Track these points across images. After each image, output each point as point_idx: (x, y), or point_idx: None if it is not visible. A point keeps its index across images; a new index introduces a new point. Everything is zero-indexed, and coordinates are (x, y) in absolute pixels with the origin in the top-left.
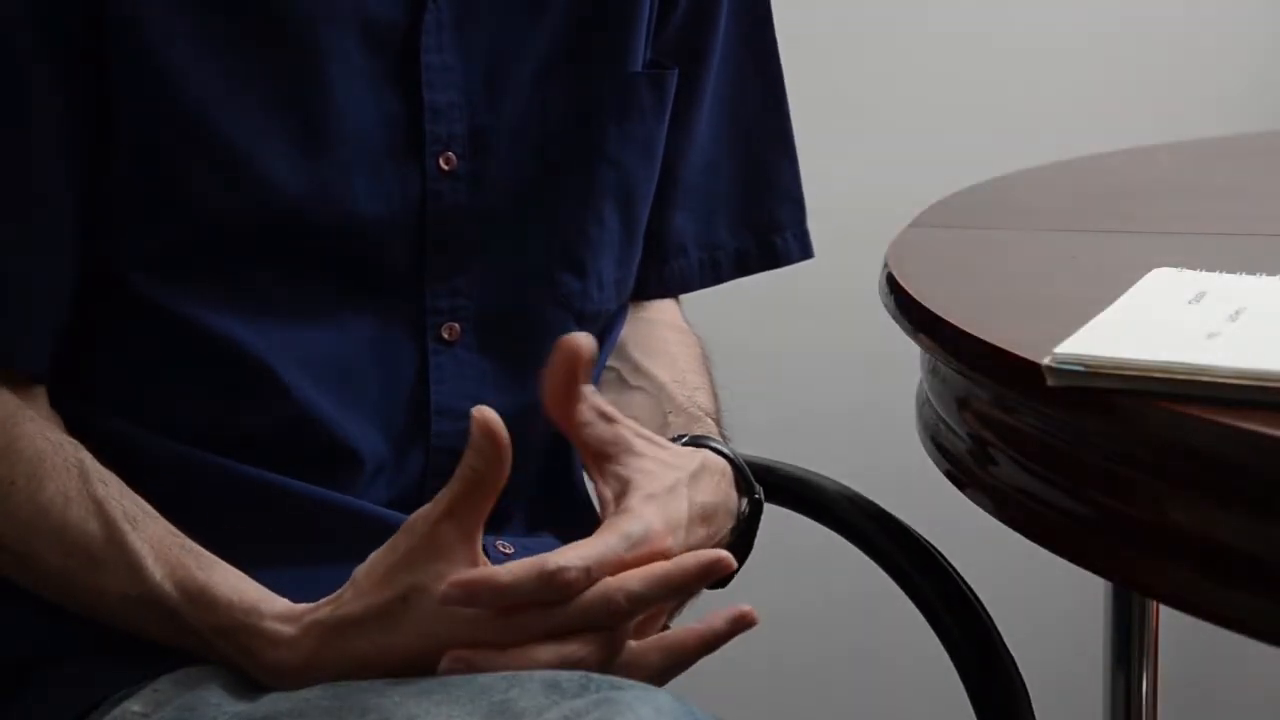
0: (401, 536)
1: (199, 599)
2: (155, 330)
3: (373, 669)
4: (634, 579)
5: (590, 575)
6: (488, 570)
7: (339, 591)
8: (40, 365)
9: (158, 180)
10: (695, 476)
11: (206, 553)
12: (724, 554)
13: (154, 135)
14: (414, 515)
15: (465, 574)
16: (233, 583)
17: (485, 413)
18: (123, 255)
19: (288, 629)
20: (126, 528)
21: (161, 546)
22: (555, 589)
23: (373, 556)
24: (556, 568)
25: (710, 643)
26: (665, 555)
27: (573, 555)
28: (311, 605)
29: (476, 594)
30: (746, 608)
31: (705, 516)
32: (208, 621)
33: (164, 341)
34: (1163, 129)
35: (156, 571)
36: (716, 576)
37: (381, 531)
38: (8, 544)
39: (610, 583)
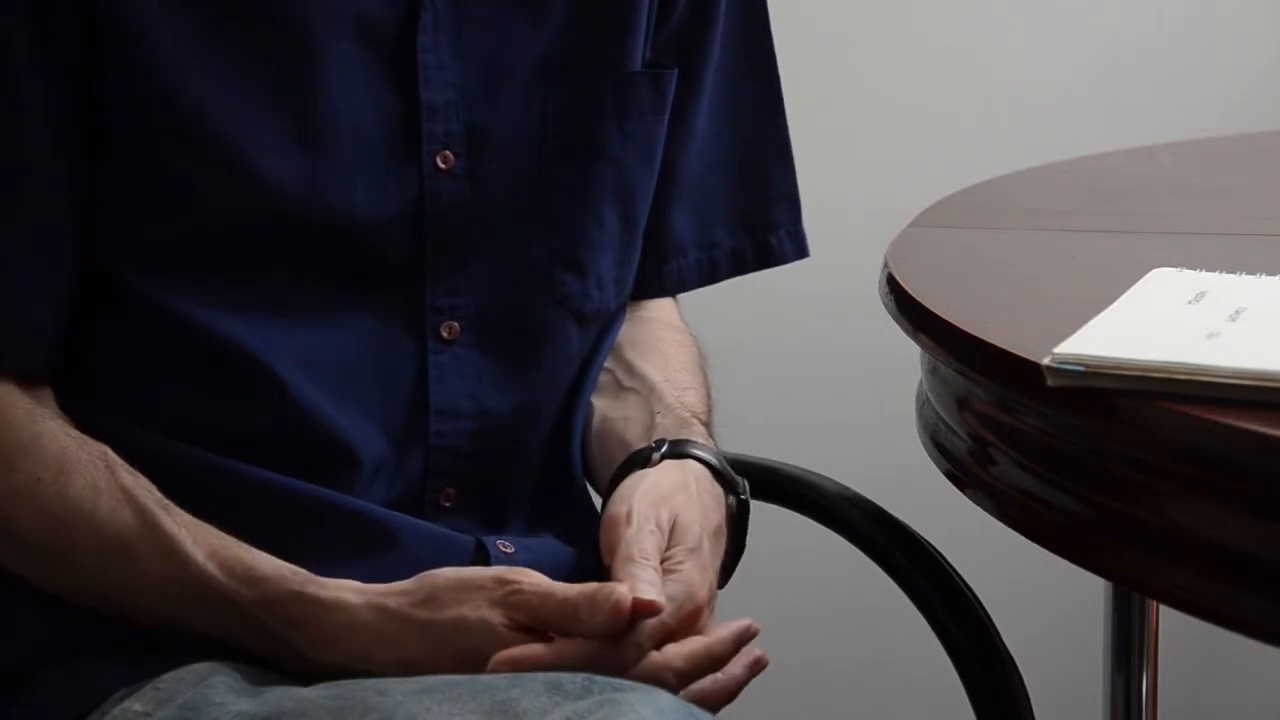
0: (484, 572)
1: (245, 574)
2: (154, 329)
3: (410, 672)
4: (679, 658)
5: (641, 649)
6: (534, 650)
7: (407, 585)
8: (36, 364)
9: (155, 179)
10: (701, 500)
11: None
12: (751, 623)
13: (151, 134)
14: (505, 570)
15: (513, 652)
16: (276, 561)
17: (624, 600)
18: (121, 254)
19: (353, 598)
20: (160, 513)
21: (198, 530)
22: (608, 670)
23: (452, 571)
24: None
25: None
26: (701, 609)
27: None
28: (377, 586)
29: (522, 670)
30: (758, 652)
31: (717, 535)
32: (254, 595)
33: (163, 340)
34: (1163, 129)
35: (197, 553)
36: (748, 642)
37: (381, 532)
38: (41, 541)
39: (656, 659)
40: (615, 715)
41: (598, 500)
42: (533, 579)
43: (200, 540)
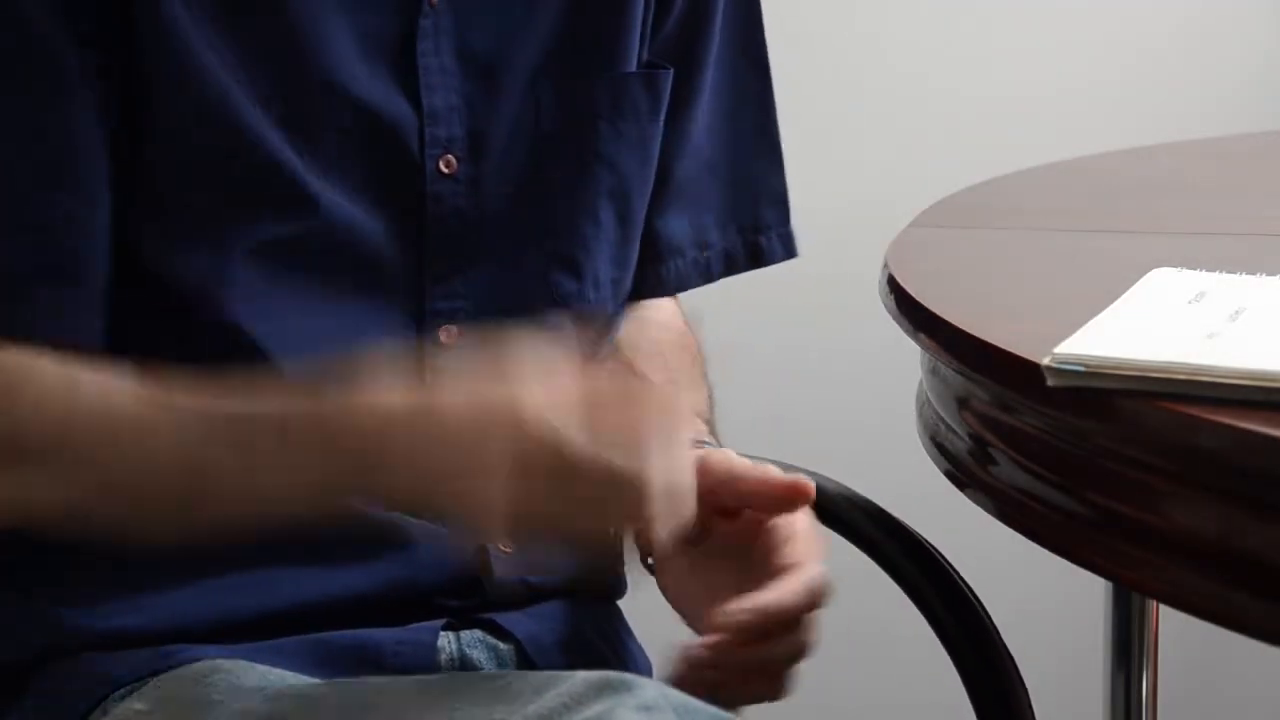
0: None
1: (272, 380)
2: (156, 331)
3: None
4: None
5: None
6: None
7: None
8: (99, 339)
9: (170, 164)
10: None
11: None
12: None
13: (171, 123)
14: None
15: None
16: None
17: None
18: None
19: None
20: (177, 393)
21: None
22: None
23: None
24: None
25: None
26: None
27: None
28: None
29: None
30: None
31: None
32: (300, 402)
33: (163, 338)
34: (1163, 129)
35: (222, 397)
36: None
37: (389, 532)
38: (57, 458)
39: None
40: (614, 696)
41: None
42: None
43: (225, 395)
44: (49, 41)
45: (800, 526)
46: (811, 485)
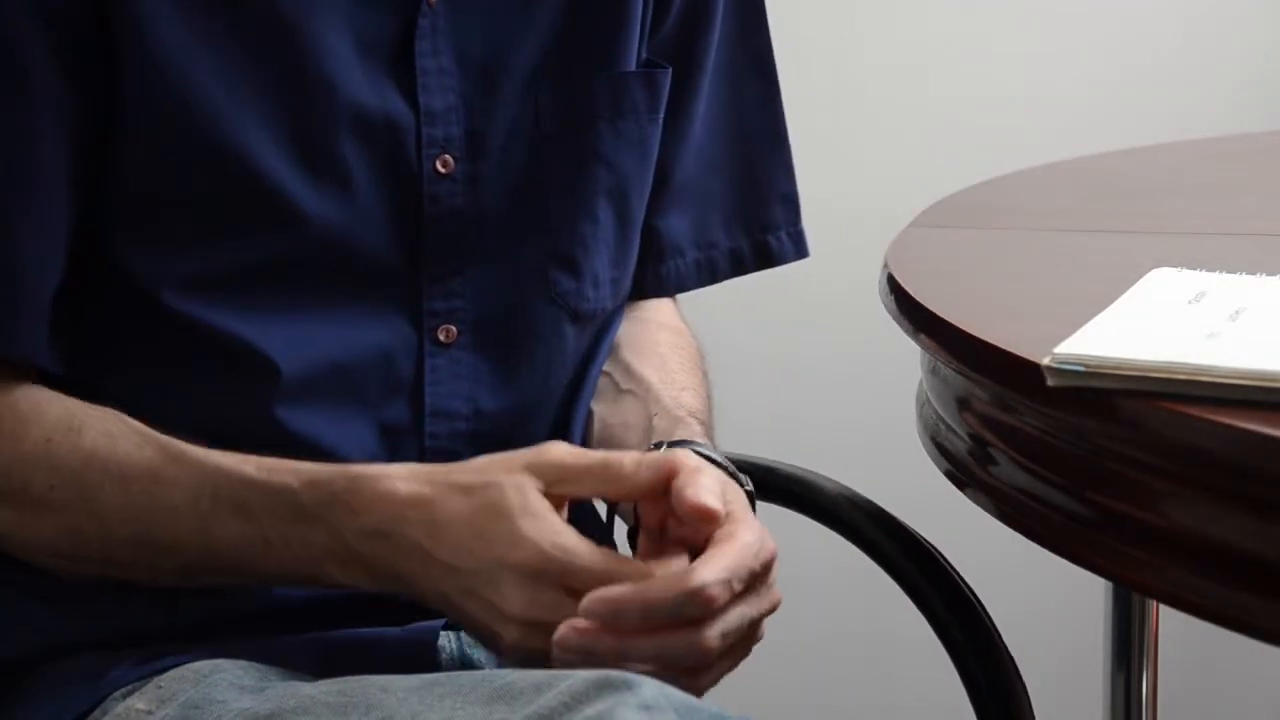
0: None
1: (287, 465)
2: (155, 333)
3: (437, 534)
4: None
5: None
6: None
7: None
8: (39, 355)
9: (159, 179)
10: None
11: None
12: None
13: (161, 142)
14: (548, 448)
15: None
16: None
17: (676, 463)
18: (122, 253)
19: (396, 469)
20: (183, 445)
21: (225, 451)
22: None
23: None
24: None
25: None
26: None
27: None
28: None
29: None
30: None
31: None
32: (297, 480)
33: (164, 342)
34: (1163, 129)
35: (227, 460)
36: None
37: None
38: (60, 496)
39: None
40: (614, 695)
41: (599, 508)
42: (567, 446)
43: (231, 454)
44: (18, 49)
45: (735, 539)
46: (717, 513)
